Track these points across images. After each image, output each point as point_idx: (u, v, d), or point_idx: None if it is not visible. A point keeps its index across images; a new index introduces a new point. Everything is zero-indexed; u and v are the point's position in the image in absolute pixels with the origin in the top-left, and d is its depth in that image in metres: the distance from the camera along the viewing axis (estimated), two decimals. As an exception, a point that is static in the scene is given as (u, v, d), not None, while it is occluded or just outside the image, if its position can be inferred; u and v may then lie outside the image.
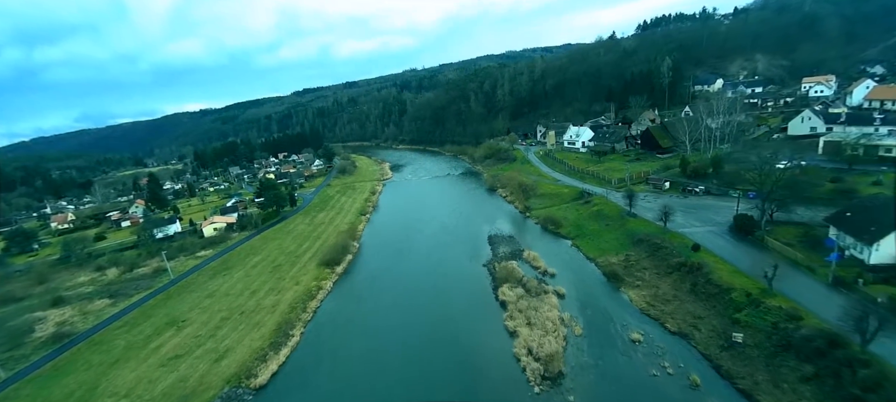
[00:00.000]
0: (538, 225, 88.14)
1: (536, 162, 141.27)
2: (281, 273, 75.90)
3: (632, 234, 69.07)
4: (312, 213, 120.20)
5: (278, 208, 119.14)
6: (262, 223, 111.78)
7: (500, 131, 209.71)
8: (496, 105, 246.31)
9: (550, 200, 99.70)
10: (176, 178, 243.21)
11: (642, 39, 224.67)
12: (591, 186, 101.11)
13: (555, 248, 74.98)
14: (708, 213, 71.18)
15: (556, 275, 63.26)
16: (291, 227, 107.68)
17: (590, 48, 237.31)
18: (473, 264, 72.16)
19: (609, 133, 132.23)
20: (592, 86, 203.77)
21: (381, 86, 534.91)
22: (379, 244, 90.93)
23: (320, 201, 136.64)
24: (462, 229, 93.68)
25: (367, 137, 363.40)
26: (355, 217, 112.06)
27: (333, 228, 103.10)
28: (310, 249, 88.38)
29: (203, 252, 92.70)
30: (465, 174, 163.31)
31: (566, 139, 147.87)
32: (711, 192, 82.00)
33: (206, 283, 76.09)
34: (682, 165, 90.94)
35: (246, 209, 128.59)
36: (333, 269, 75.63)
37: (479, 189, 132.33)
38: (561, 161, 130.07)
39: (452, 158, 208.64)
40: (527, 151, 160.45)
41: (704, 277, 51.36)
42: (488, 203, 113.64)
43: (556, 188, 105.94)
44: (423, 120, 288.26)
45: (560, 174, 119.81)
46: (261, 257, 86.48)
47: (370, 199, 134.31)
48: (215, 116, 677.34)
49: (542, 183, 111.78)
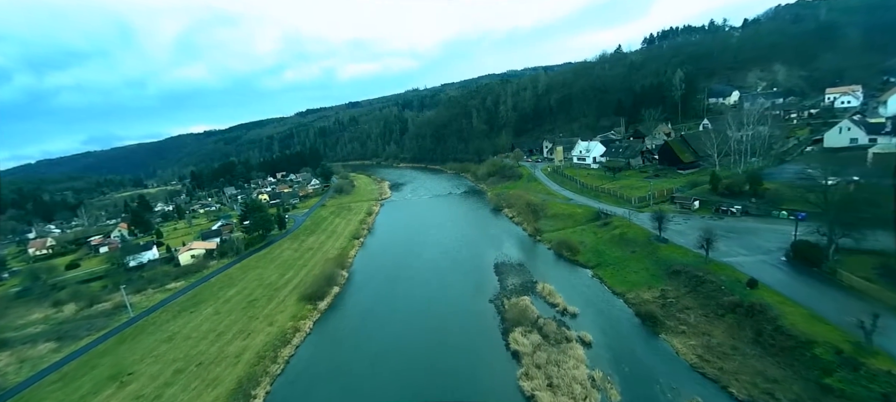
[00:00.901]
0: (551, 251, 77.67)
1: (544, 179, 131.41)
2: (255, 310, 65.50)
3: (665, 263, 58.50)
4: (302, 237, 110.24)
5: (264, 231, 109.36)
6: (246, 249, 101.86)
7: (503, 148, 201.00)
8: (499, 121, 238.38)
9: (563, 221, 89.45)
10: (168, 199, 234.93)
11: (649, 53, 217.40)
12: (607, 205, 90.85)
13: (573, 279, 64.39)
14: (752, 238, 60.63)
15: (578, 315, 52.57)
16: (276, 253, 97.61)
17: (595, 62, 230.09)
18: (478, 298, 61.60)
19: (622, 148, 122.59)
20: (599, 100, 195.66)
21: (383, 105, 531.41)
22: (371, 273, 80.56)
23: (312, 223, 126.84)
24: (465, 254, 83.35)
25: (367, 155, 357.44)
26: (347, 242, 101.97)
27: (322, 254, 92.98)
28: (292, 279, 78.09)
29: (174, 284, 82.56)
30: (467, 193, 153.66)
31: (575, 155, 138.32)
32: (750, 212, 71.54)
33: (169, 323, 65.73)
34: (713, 181, 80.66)
35: (232, 233, 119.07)
36: (315, 305, 65.17)
37: (483, 209, 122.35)
38: (571, 178, 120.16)
39: (454, 176, 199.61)
40: (533, 167, 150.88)
41: (771, 323, 40.65)
42: (493, 225, 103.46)
43: (568, 208, 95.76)
44: (424, 138, 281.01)
45: (571, 192, 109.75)
46: (236, 289, 76.20)
47: (365, 220, 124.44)
48: (218, 138, 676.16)
49: (552, 202, 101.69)
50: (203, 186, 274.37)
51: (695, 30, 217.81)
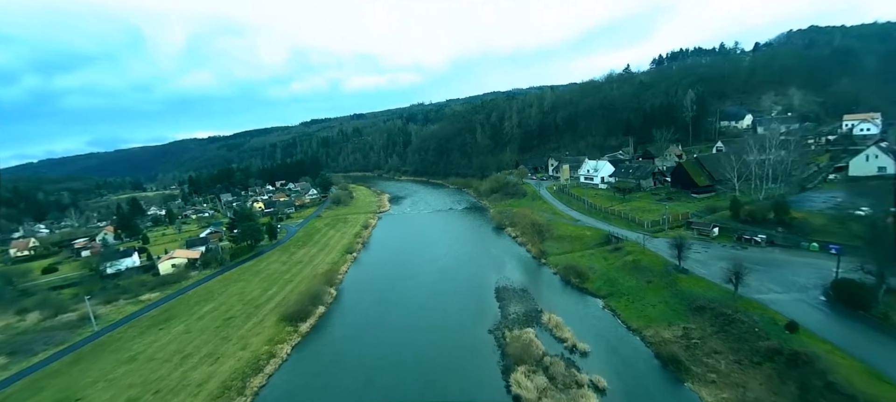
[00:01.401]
0: (557, 275, 71.51)
1: (550, 198, 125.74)
2: (229, 331, 59.32)
3: (687, 297, 52.28)
4: (292, 248, 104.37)
5: (254, 241, 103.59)
6: (231, 260, 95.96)
7: (507, 164, 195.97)
8: (503, 137, 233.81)
9: (570, 243, 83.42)
10: (161, 204, 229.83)
11: (659, 73, 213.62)
12: (618, 228, 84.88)
13: (582, 309, 58.13)
14: (783, 272, 54.50)
15: (588, 354, 46.23)
16: (263, 265, 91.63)
17: (602, 81, 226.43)
18: (477, 327, 55.36)
19: (633, 168, 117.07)
20: (606, 119, 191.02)
21: (388, 118, 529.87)
22: (362, 293, 74.39)
23: (305, 234, 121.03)
24: (464, 275, 77.23)
25: (369, 167, 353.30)
26: (339, 256, 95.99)
27: (311, 269, 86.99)
28: (275, 296, 72.00)
29: (148, 295, 76.49)
30: (469, 209, 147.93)
31: (582, 174, 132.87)
32: (776, 242, 65.50)
33: (134, 340, 59.56)
34: (733, 207, 74.79)
35: (221, 241, 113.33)
36: (296, 327, 58.98)
37: (485, 227, 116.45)
38: (578, 198, 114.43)
39: (456, 192, 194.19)
40: (538, 185, 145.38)
41: (821, 377, 34.37)
42: (495, 244, 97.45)
43: (575, 230, 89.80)
44: (427, 151, 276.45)
45: (578, 213, 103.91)
46: (213, 305, 70.08)
47: (361, 234, 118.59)
48: (221, 144, 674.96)
49: (558, 223, 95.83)
50: (200, 191, 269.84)
51: (705, 52, 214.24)
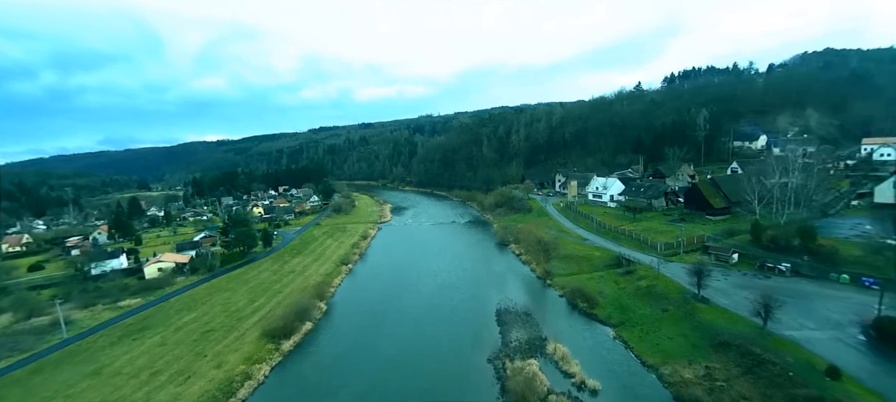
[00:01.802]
0: (563, 298, 66.46)
1: (556, 215, 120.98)
2: (206, 345, 54.82)
3: (708, 331, 47.16)
4: (286, 257, 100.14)
5: (246, 248, 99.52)
6: (221, 266, 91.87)
7: (513, 178, 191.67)
8: (510, 151, 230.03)
9: (577, 264, 78.42)
10: (162, 205, 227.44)
11: (670, 91, 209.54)
12: (628, 250, 79.90)
13: (590, 338, 53.04)
14: (813, 305, 49.32)
15: (599, 392, 41.19)
16: (253, 273, 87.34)
17: (612, 98, 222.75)
18: (475, 354, 50.47)
19: (644, 187, 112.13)
20: (616, 136, 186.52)
21: (395, 128, 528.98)
22: (354, 308, 69.78)
23: (301, 242, 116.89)
24: (464, 294, 72.44)
25: (374, 176, 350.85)
26: (334, 267, 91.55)
27: (303, 279, 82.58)
28: (262, 308, 67.57)
29: (129, 301, 72.31)
30: (472, 223, 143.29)
31: (591, 191, 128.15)
32: (801, 272, 60.29)
33: (104, 351, 55.19)
34: (755, 232, 69.70)
35: (214, 246, 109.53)
36: (279, 345, 54.36)
37: (488, 242, 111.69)
38: (586, 216, 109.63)
39: (460, 204, 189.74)
40: (544, 201, 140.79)
41: (877, 439, 29.21)
42: (498, 261, 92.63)
43: (583, 250, 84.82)
44: (432, 162, 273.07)
45: (586, 232, 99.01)
46: (195, 314, 65.72)
47: (359, 244, 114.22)
48: (230, 147, 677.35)
49: (565, 241, 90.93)
50: (202, 193, 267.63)
51: (718, 71, 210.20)
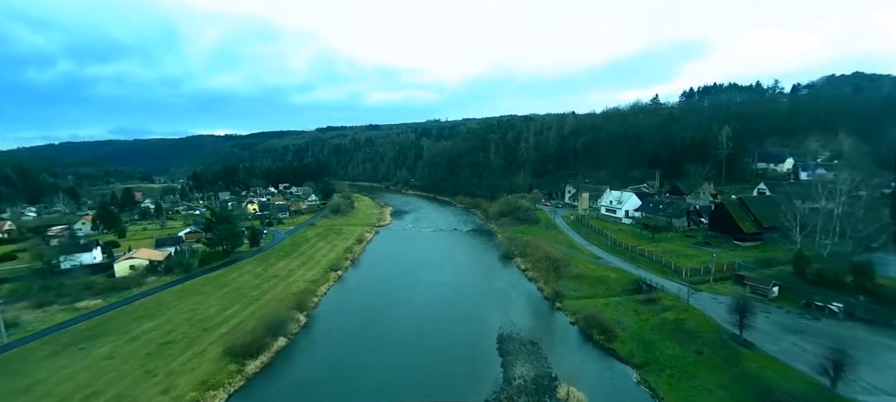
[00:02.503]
0: (575, 326, 58.11)
1: (566, 229, 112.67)
2: (160, 361, 47.10)
3: (756, 384, 38.66)
4: (272, 259, 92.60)
5: (230, 247, 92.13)
6: (200, 266, 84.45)
7: (520, 187, 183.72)
8: (518, 159, 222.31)
9: (591, 286, 70.07)
10: (159, 197, 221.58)
11: (690, 106, 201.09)
12: (648, 273, 71.50)
13: (609, 380, 44.65)
14: (883, 359, 40.71)
15: (624, 460, 32.87)
16: (233, 276, 79.79)
17: (627, 110, 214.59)
18: (471, 392, 42.33)
19: (664, 204, 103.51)
20: (630, 150, 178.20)
21: (402, 131, 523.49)
22: (337, 323, 61.89)
23: (291, 243, 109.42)
24: (462, 312, 64.43)
25: (378, 178, 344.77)
26: (322, 273, 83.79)
27: (286, 286, 74.90)
28: (233, 317, 59.88)
29: (88, 302, 64.81)
30: (475, 232, 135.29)
31: (604, 205, 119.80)
32: (856, 315, 51.53)
33: (42, 362, 47.59)
34: (798, 264, 61.11)
35: (198, 243, 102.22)
36: (243, 365, 46.55)
37: (491, 253, 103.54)
38: (599, 232, 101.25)
39: (463, 211, 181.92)
40: (553, 213, 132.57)
41: None
42: (502, 276, 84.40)
43: (597, 270, 76.41)
44: (437, 166, 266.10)
45: (599, 249, 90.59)
46: (157, 322, 58.07)
47: (353, 249, 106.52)
48: (236, 142, 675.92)
49: (576, 259, 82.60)
50: (202, 187, 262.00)
51: (740, 89, 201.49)
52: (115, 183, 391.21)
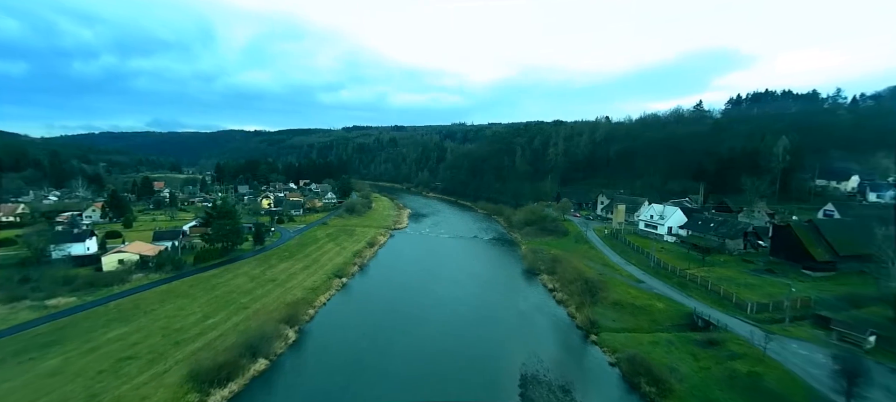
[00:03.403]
0: (616, 368, 47.34)
1: (599, 243, 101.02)
2: (111, 382, 39.31)
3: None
4: (274, 259, 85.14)
5: (230, 244, 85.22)
6: (195, 264, 77.62)
7: (546, 195, 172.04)
8: (545, 165, 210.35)
9: (633, 316, 58.91)
10: (180, 187, 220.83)
11: (737, 115, 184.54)
12: (702, 305, 59.79)
13: (666, 456, 33.89)
14: None
15: None
16: (226, 277, 72.42)
17: (666, 117, 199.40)
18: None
19: (715, 222, 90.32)
20: (670, 160, 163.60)
21: (426, 132, 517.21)
22: (331, 342, 53.14)
23: (299, 243, 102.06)
24: (478, 338, 54.76)
25: (400, 179, 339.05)
26: (325, 279, 75.52)
27: (283, 292, 66.93)
28: (214, 328, 51.98)
29: (60, 300, 58.28)
30: (496, 241, 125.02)
31: (642, 219, 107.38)
32: None
33: (-22, 373, 40.61)
34: (905, 307, 48.39)
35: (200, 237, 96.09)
36: (207, 395, 38.20)
37: (514, 267, 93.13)
38: (639, 250, 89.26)
39: (485, 218, 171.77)
40: (584, 225, 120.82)
41: None
42: (525, 295, 74.00)
43: (640, 296, 65.00)
44: (459, 169, 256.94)
45: (640, 271, 78.76)
46: (126, 329, 50.71)
47: (363, 253, 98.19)
48: (264, 138, 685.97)
49: (614, 281, 71.31)
50: (224, 179, 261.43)
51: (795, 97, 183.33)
52: (144, 171, 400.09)
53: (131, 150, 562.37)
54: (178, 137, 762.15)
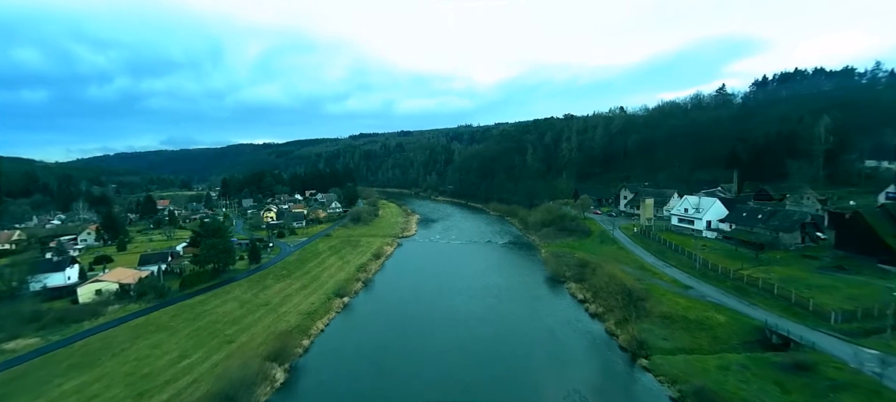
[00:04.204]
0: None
1: (627, 243, 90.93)
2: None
3: None
4: (269, 280, 76.96)
5: (220, 265, 77.34)
6: (181, 289, 69.81)
7: (563, 193, 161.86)
8: (559, 162, 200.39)
9: (688, 331, 49.03)
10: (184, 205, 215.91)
11: (765, 97, 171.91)
12: (770, 314, 49.76)
13: None
14: None
15: None
16: (213, 304, 64.30)
17: (686, 104, 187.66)
18: None
19: (764, 213, 79.37)
20: (694, 148, 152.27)
21: (433, 136, 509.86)
22: (328, 381, 44.48)
23: (298, 258, 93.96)
24: (501, 366, 45.69)
25: (408, 184, 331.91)
26: (324, 300, 67.01)
27: (275, 318, 58.62)
28: (186, 372, 43.66)
29: (16, 344, 50.33)
30: (512, 245, 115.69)
31: (675, 213, 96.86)
32: None
33: None
34: None
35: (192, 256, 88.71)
36: (160, 472, 29.66)
37: (536, 274, 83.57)
38: (678, 249, 78.98)
39: (498, 220, 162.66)
40: (608, 223, 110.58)
41: None
42: (552, 307, 64.51)
43: (692, 306, 54.98)
44: (468, 171, 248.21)
45: (683, 273, 68.63)
46: (85, 379, 42.53)
47: (368, 267, 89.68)
48: (272, 150, 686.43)
49: (656, 288, 61.42)
50: (229, 194, 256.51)
51: (828, 74, 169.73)
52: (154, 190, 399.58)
53: (145, 169, 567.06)
54: (189, 153, 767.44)
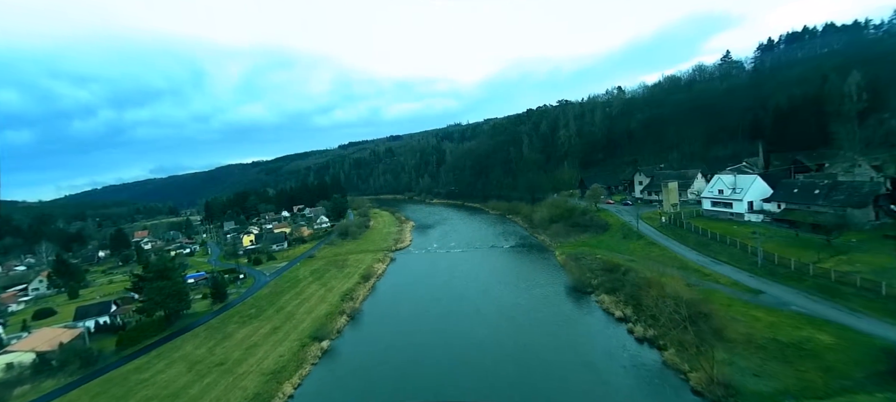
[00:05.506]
0: None
1: (657, 236, 77.63)
2: None
3: None
4: (234, 324, 62.97)
5: (171, 312, 63.23)
6: (118, 349, 55.74)
7: (567, 183, 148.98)
8: (558, 150, 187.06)
9: (784, 361, 35.61)
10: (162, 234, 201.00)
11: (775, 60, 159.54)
12: (885, 324, 36.68)
13: None
14: None
15: None
16: (155, 369, 50.28)
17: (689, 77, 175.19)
18: None
19: (821, 189, 66.13)
20: (706, 122, 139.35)
21: (423, 138, 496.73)
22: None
23: (272, 291, 79.86)
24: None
25: (400, 189, 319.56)
26: (298, 348, 53.12)
27: (231, 382, 44.82)
28: None
29: None
30: (520, 248, 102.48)
31: (707, 196, 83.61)
32: None
33: None
34: None
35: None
36: None
37: (554, 284, 69.95)
38: (721, 239, 65.64)
39: (499, 219, 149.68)
40: (627, 214, 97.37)
41: None
42: (583, 330, 51.07)
43: (778, 321, 41.55)
44: (462, 170, 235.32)
45: (743, 273, 55.11)
46: None
47: (355, 293, 75.84)
48: (262, 168, 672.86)
49: (717, 295, 47.99)
50: (213, 218, 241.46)
51: (838, 30, 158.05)
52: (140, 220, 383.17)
53: (132, 200, 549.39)
54: (178, 180, 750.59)
